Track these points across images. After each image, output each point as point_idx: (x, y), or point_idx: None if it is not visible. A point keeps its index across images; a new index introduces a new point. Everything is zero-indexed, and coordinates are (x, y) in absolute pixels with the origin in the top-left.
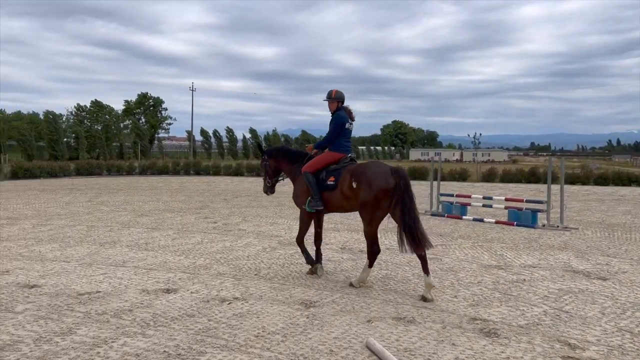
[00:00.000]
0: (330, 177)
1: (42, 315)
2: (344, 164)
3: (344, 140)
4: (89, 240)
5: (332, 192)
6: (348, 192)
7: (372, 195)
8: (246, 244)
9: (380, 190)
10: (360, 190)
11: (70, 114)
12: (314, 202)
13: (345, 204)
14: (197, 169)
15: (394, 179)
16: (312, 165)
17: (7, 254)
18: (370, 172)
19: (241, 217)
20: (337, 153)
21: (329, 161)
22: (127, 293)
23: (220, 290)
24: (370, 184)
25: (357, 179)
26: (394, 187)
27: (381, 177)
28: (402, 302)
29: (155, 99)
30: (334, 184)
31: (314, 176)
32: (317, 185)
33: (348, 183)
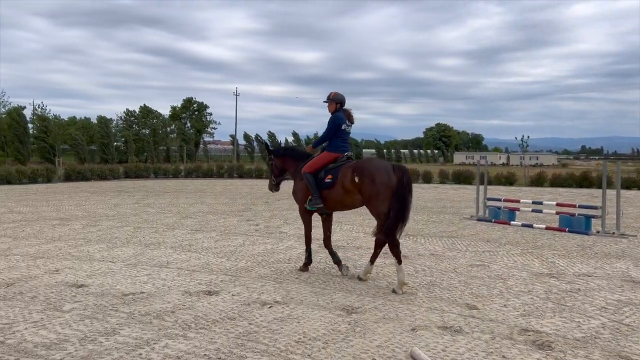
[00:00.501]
0: (328, 175)
1: (87, 314)
2: (341, 162)
3: (341, 141)
4: (135, 242)
5: (330, 189)
6: (350, 187)
7: (376, 189)
8: (287, 247)
9: (383, 185)
10: (363, 185)
11: (120, 118)
12: (314, 201)
13: (346, 199)
14: (240, 172)
15: (396, 174)
16: (311, 166)
17: (58, 253)
18: (372, 167)
19: (282, 220)
20: (334, 153)
21: (326, 161)
22: (170, 294)
23: (261, 293)
24: (374, 179)
25: (359, 174)
26: (397, 182)
27: (383, 173)
28: (448, 310)
29: (199, 104)
30: (331, 182)
31: (312, 176)
32: (316, 185)
33: (350, 178)
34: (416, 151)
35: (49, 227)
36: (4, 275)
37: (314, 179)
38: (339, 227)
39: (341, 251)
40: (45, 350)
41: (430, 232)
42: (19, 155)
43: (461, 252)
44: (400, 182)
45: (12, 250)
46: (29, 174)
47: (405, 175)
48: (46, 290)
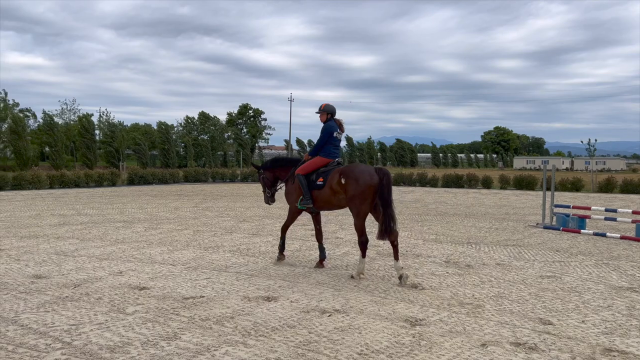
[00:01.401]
0: (320, 178)
1: (150, 318)
2: (332, 167)
3: (332, 148)
4: (195, 245)
5: (320, 190)
6: (337, 188)
7: (359, 189)
8: (344, 253)
9: (366, 185)
10: (348, 185)
11: (179, 124)
12: (305, 201)
13: (333, 199)
14: None
15: (378, 176)
16: (304, 169)
17: (121, 255)
18: (357, 170)
19: (338, 225)
20: (326, 158)
21: (318, 165)
22: (229, 299)
23: (320, 300)
24: (358, 180)
25: (345, 176)
26: (378, 183)
27: (367, 175)
28: (519, 324)
29: (255, 109)
30: (322, 184)
31: (305, 178)
32: (307, 186)
33: (337, 180)
34: (473, 155)
35: (113, 229)
36: (71, 276)
37: (306, 180)
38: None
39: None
40: (109, 353)
41: (493, 240)
42: (87, 160)
43: (529, 261)
44: (381, 183)
45: (80, 252)
46: (95, 177)
47: (386, 177)
48: (111, 292)
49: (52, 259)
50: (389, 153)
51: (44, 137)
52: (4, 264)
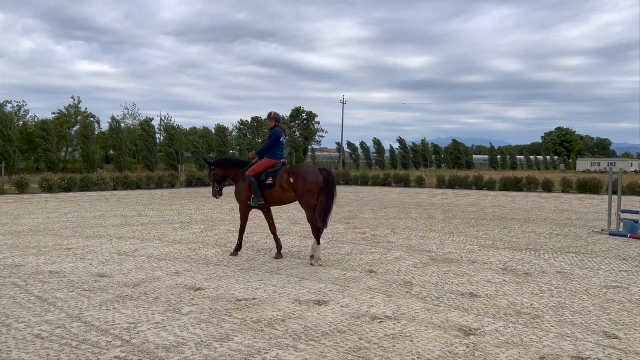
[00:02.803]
0: (269, 177)
1: (204, 319)
2: (279, 167)
3: (279, 150)
4: (248, 247)
5: (271, 189)
6: (286, 186)
7: (307, 187)
8: (396, 258)
9: (313, 183)
10: (297, 184)
11: (235, 128)
12: (257, 198)
13: (283, 196)
14: (346, 180)
15: (323, 176)
16: (254, 170)
17: (178, 256)
18: (304, 170)
19: (390, 228)
20: (273, 160)
21: (266, 166)
22: (281, 302)
23: (371, 306)
24: (305, 179)
25: (294, 176)
26: (323, 181)
27: (313, 174)
28: (582, 337)
29: (308, 112)
30: (272, 183)
31: (255, 178)
32: (258, 185)
33: (286, 179)
34: (533, 157)
35: (172, 230)
36: (131, 276)
37: (256, 180)
38: (450, 239)
39: (455, 265)
40: (165, 352)
41: (554, 247)
42: (148, 162)
43: (593, 270)
44: (326, 181)
45: (140, 252)
46: (156, 180)
47: (330, 176)
48: (167, 292)
49: (115, 259)
50: (444, 155)
51: (109, 141)
52: (71, 262)
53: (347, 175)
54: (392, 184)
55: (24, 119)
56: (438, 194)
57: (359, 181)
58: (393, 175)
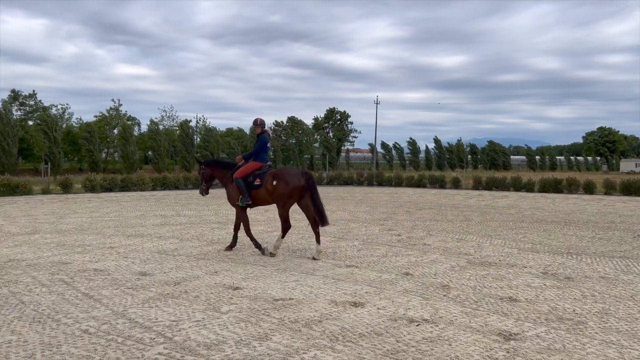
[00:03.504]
0: (257, 179)
1: (242, 317)
2: (265, 170)
3: (264, 154)
4: (284, 247)
5: (258, 190)
6: (270, 188)
7: (288, 189)
8: (432, 260)
9: (294, 186)
10: (278, 186)
11: (269, 129)
12: (245, 199)
13: (268, 198)
14: (379, 180)
15: (304, 178)
16: (241, 172)
17: (216, 255)
18: (286, 173)
19: (425, 230)
20: (260, 163)
21: (254, 169)
22: (317, 303)
23: (408, 309)
24: (287, 182)
25: (276, 178)
26: (304, 185)
27: (295, 177)
28: (628, 345)
29: (341, 113)
30: (259, 184)
31: (243, 180)
32: (246, 187)
33: (270, 182)
34: (573, 158)
35: (209, 230)
36: (172, 275)
37: (244, 182)
38: (488, 242)
39: (493, 268)
40: (206, 350)
41: (597, 251)
42: (186, 163)
43: (639, 276)
44: (307, 183)
45: (179, 251)
46: (193, 180)
47: (310, 179)
48: (207, 290)
49: (155, 257)
50: (480, 155)
51: (148, 142)
52: (114, 260)
53: (380, 175)
54: (427, 185)
55: (67, 121)
56: (474, 195)
57: (393, 182)
58: (428, 176)
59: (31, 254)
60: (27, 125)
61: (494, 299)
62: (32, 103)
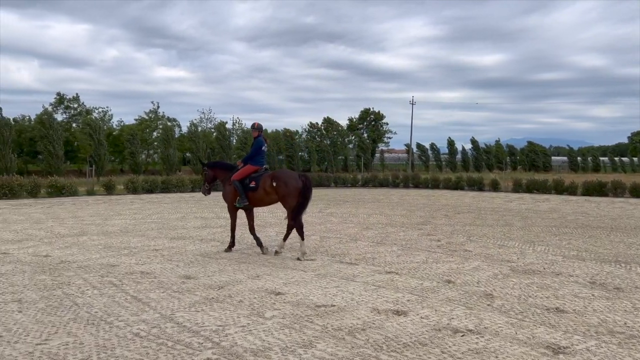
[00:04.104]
0: (252, 181)
1: (286, 323)
2: (261, 172)
3: (260, 158)
4: (322, 251)
5: (254, 192)
6: (269, 190)
7: (288, 190)
8: (474, 267)
9: (293, 187)
10: (279, 188)
11: (304, 130)
12: (241, 200)
13: (266, 198)
14: (415, 182)
15: (301, 180)
16: (238, 175)
17: (257, 259)
18: (285, 176)
19: (465, 236)
20: (256, 166)
21: (250, 172)
22: (359, 310)
23: (452, 318)
24: (287, 184)
25: (276, 180)
26: (302, 185)
27: (293, 179)
28: None
29: (376, 113)
30: (255, 186)
31: (240, 182)
32: (242, 189)
33: (269, 184)
34: (618, 159)
35: (248, 233)
36: (215, 278)
37: (241, 184)
38: (531, 248)
39: (537, 277)
40: (252, 356)
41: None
42: None
43: None
44: (304, 185)
45: (221, 254)
46: None
47: (307, 181)
48: (250, 295)
49: (198, 260)
50: (519, 156)
51: (187, 144)
52: (159, 263)
53: (416, 177)
54: (465, 188)
55: (108, 124)
56: (514, 198)
57: (429, 184)
58: (466, 178)
59: (81, 256)
60: (71, 128)
61: (540, 310)
62: (76, 106)
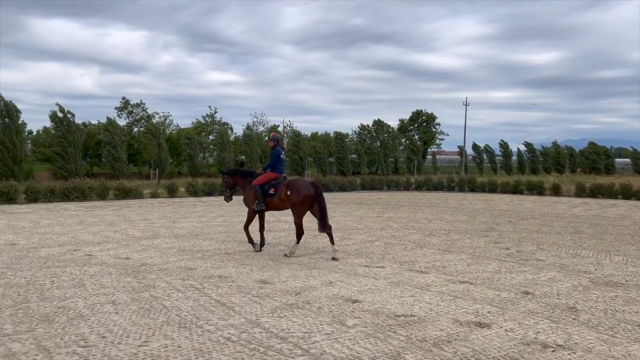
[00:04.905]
0: (271, 188)
1: (370, 333)
2: (280, 180)
3: (280, 166)
4: (389, 258)
5: (272, 198)
6: (284, 197)
7: (300, 198)
8: (550, 278)
9: (305, 195)
10: (292, 196)
11: (354, 132)
12: (259, 204)
13: (281, 205)
14: (472, 186)
15: (313, 189)
16: (259, 181)
17: (326, 265)
18: (298, 185)
19: (535, 244)
20: (275, 174)
21: (270, 178)
22: (440, 321)
23: (538, 332)
24: (299, 192)
25: (290, 189)
26: (314, 194)
27: (305, 188)
28: None
29: (428, 115)
30: (273, 193)
31: (260, 188)
32: (262, 194)
33: (284, 192)
34: None
35: (312, 237)
36: (290, 283)
37: (261, 189)
38: (608, 258)
39: (621, 289)
40: None
41: None
42: None
43: None
44: (315, 192)
45: (290, 259)
46: None
47: (318, 189)
48: (328, 302)
49: (270, 265)
50: (579, 158)
51: (241, 147)
52: (233, 267)
53: (472, 181)
54: (524, 192)
55: (169, 128)
56: (578, 203)
57: (486, 188)
58: (525, 182)
59: (159, 259)
60: (133, 132)
61: (631, 326)
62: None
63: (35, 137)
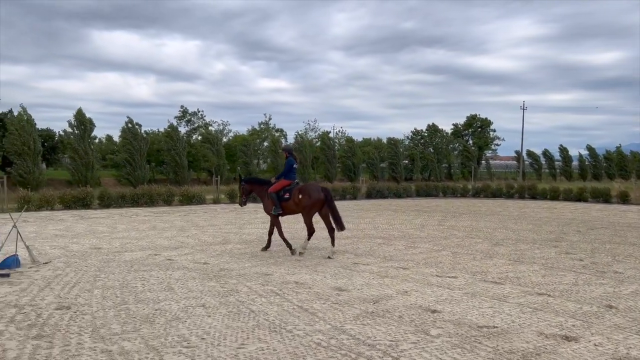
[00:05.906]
0: (286, 193)
1: (455, 343)
2: (293, 186)
3: (293, 174)
4: (459, 268)
5: (287, 202)
6: (297, 201)
7: (310, 202)
8: (633, 292)
9: (315, 198)
10: (303, 199)
11: (406, 137)
12: (277, 209)
13: (295, 208)
14: (532, 193)
15: (323, 193)
16: (275, 188)
17: (398, 274)
18: (309, 189)
19: (610, 255)
20: (289, 181)
21: (284, 185)
22: (524, 333)
23: (629, 347)
24: (310, 196)
25: (302, 193)
26: (324, 197)
27: (316, 192)
28: None
29: (483, 119)
30: (288, 197)
31: (276, 194)
32: (278, 199)
33: (297, 196)
34: None
35: (377, 245)
36: (365, 292)
37: (277, 196)
38: None
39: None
40: None
41: None
42: (328, 173)
43: None
44: (326, 197)
45: (359, 267)
46: (340, 191)
47: (328, 194)
48: (407, 311)
49: (341, 272)
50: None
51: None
52: (307, 274)
53: (533, 188)
54: (589, 199)
55: (227, 136)
56: None
57: (548, 195)
58: (589, 189)
59: (235, 264)
60: (191, 139)
61: None
62: (196, 119)
63: (97, 145)
